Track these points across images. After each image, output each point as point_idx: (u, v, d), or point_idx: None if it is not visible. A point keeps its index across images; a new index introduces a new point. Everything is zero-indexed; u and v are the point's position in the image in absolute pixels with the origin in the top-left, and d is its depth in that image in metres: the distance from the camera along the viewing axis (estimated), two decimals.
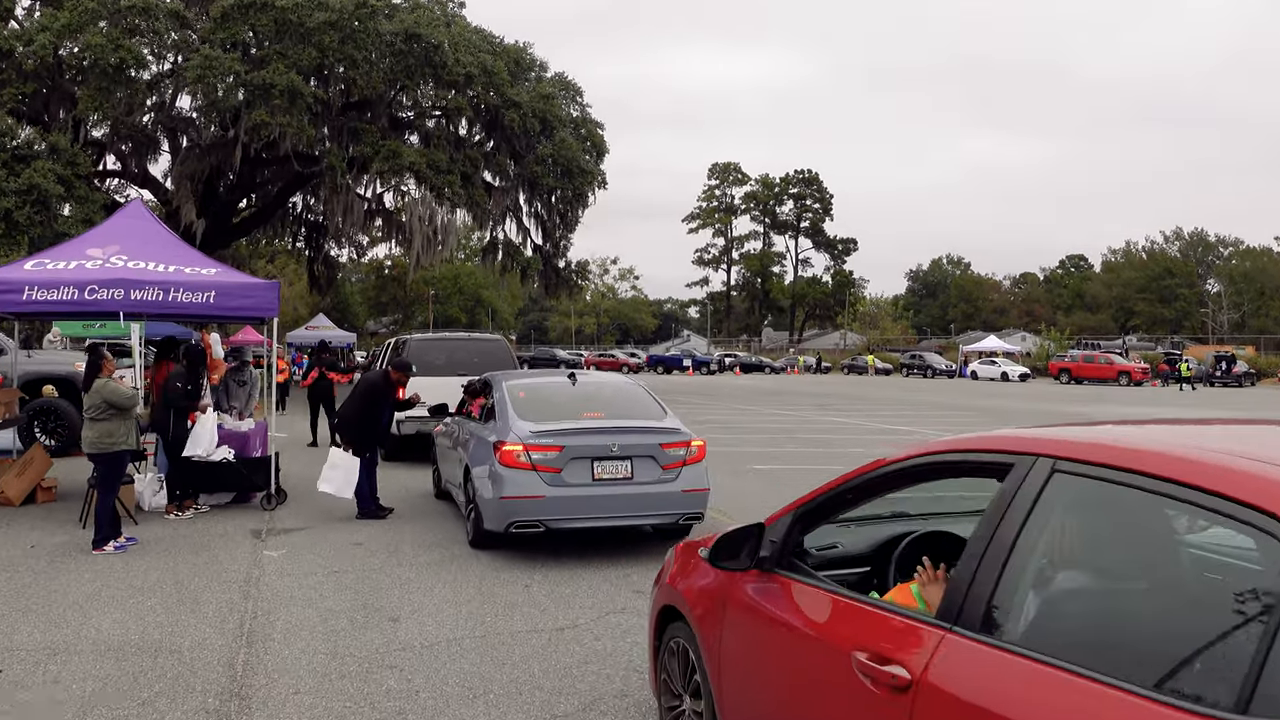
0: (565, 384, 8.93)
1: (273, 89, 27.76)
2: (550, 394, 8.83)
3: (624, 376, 9.81)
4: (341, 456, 9.65)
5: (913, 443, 3.16)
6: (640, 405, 8.72)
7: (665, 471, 7.99)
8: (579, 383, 8.92)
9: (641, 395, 8.95)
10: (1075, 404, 33.09)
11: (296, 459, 14.83)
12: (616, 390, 9.12)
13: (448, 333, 17.76)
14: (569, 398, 8.68)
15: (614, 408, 8.60)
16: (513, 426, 7.97)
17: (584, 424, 8.02)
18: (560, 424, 7.94)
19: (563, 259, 38.37)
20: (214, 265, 10.89)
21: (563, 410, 8.33)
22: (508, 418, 8.16)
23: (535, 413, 8.23)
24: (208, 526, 9.55)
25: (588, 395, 8.81)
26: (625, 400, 8.85)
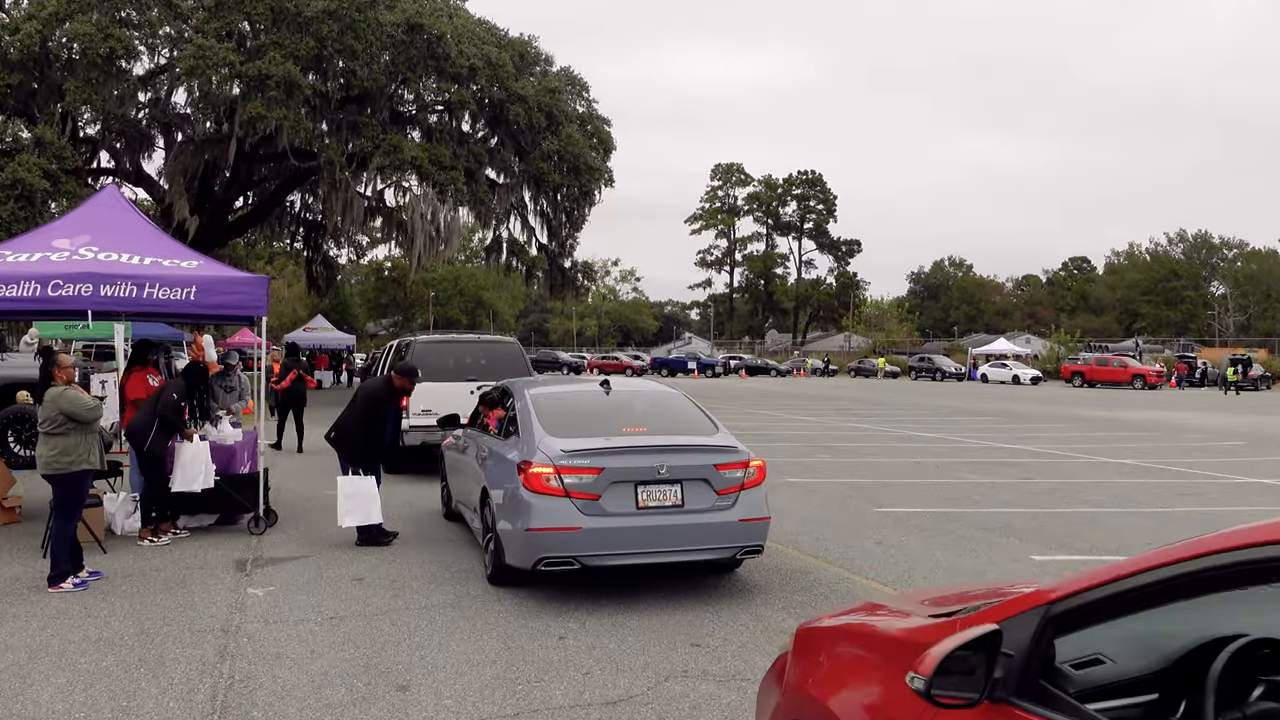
0: (598, 393, 7.72)
1: (269, 80, 26.57)
2: (582, 405, 7.62)
3: (662, 384, 8.52)
4: (353, 483, 8.45)
5: (1257, 526, 1.90)
6: (686, 418, 7.51)
7: (720, 497, 6.78)
8: (614, 391, 7.71)
9: (687, 406, 7.73)
10: (1104, 408, 31.87)
11: (291, 472, 13.62)
12: (658, 400, 7.90)
13: (456, 334, 16.52)
14: (603, 409, 7.47)
15: (657, 421, 7.38)
16: (540, 444, 6.76)
17: (625, 441, 6.81)
18: (597, 441, 6.73)
19: (569, 259, 37.20)
20: (196, 257, 9.68)
21: (597, 424, 7.12)
22: (533, 433, 6.94)
23: (565, 427, 7.02)
24: (185, 555, 8.33)
25: (625, 406, 7.60)
26: (669, 412, 7.63)
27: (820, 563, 8.34)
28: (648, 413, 7.55)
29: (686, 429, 7.27)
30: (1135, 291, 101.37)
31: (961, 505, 11.70)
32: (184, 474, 8.78)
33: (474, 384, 13.27)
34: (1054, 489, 13.19)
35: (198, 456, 8.84)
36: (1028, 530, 10.03)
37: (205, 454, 8.96)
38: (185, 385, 8.86)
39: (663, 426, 7.28)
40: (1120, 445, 19.38)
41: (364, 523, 8.49)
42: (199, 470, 8.81)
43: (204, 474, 8.87)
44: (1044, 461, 16.44)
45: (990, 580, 6.59)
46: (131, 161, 36.27)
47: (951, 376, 64.42)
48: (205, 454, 8.96)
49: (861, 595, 7.18)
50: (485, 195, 32.08)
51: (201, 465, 8.83)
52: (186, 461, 8.79)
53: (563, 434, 6.88)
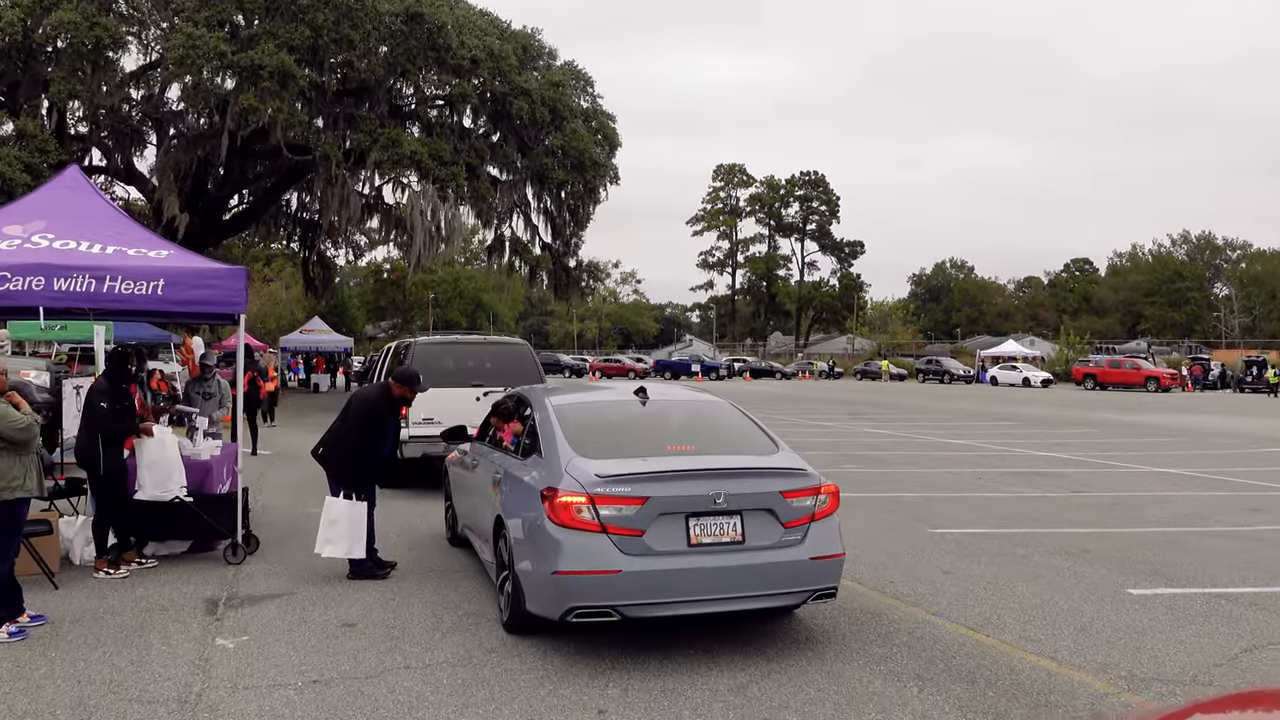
0: (633, 403, 6.53)
1: (262, 70, 25.39)
2: (615, 417, 6.44)
3: (706, 393, 7.29)
4: (341, 507, 7.26)
5: None
6: (740, 433, 6.33)
7: (788, 531, 5.60)
8: (652, 401, 6.52)
9: (739, 419, 6.55)
10: (1129, 412, 30.72)
11: (281, 487, 12.42)
12: (704, 412, 6.71)
13: (459, 335, 15.27)
14: (641, 423, 6.29)
15: (706, 437, 6.21)
16: (569, 467, 5.58)
17: (673, 463, 5.64)
18: (639, 463, 5.55)
19: (573, 258, 35.99)
20: (166, 246, 8.50)
21: (636, 442, 5.95)
22: (560, 453, 5.75)
23: (598, 445, 5.84)
24: (149, 592, 7.14)
25: (666, 419, 6.43)
26: (719, 426, 6.45)
27: (889, 600, 7.16)
28: (694, 427, 6.37)
29: (742, 447, 6.09)
30: (1138, 293, 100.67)
31: (1021, 524, 10.57)
32: (151, 476, 7.58)
33: (480, 389, 12.14)
34: (1113, 504, 12.10)
35: (165, 455, 7.63)
36: (1107, 556, 8.88)
37: (173, 451, 7.75)
38: (109, 385, 7.59)
39: (714, 444, 6.10)
40: (1157, 452, 18.39)
41: (346, 556, 7.30)
42: (169, 471, 7.61)
43: (176, 476, 7.66)
44: (1088, 471, 15.33)
45: None
46: (123, 159, 35.13)
47: (960, 379, 63.29)
48: (173, 451, 7.75)
49: (952, 644, 6.03)
50: (487, 192, 30.91)
51: (172, 466, 7.62)
52: (152, 460, 7.59)
53: (595, 454, 5.70)
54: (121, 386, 7.66)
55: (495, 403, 7.76)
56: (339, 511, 7.25)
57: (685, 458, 5.74)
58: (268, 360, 23.15)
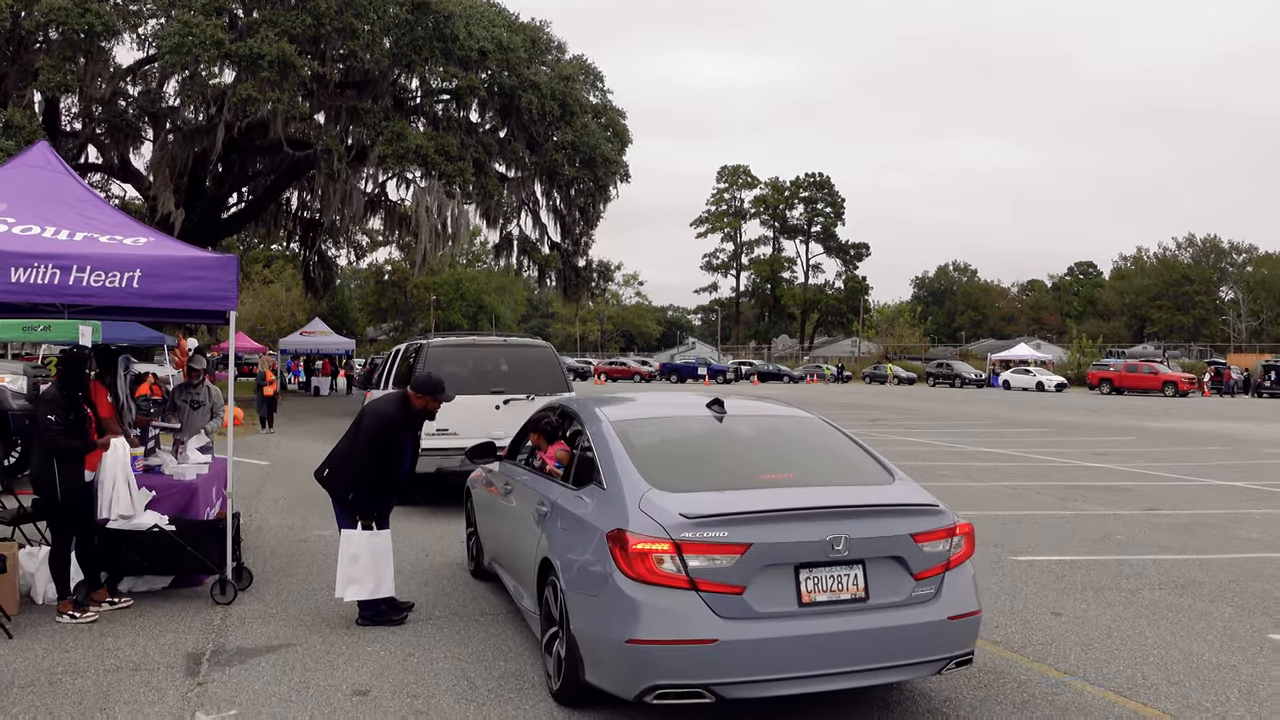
0: (707, 419, 5.34)
1: (261, 59, 24.22)
2: (688, 438, 5.25)
3: (787, 405, 6.07)
4: (361, 540, 6.09)
5: None
6: (844, 458, 5.15)
7: (919, 583, 4.42)
8: (729, 417, 5.34)
9: (840, 440, 5.36)
10: (1155, 418, 29.55)
11: (278, 503, 11.22)
12: (796, 431, 5.51)
13: (476, 336, 14.02)
14: (721, 445, 5.13)
15: (804, 463, 5.04)
16: (644, 503, 4.39)
17: (774, 498, 4.45)
18: (734, 498, 4.37)
19: (583, 257, 34.78)
20: (145, 233, 7.31)
21: (720, 469, 4.78)
22: (629, 483, 4.57)
23: (675, 474, 4.67)
24: (118, 644, 5.95)
25: (752, 440, 5.26)
26: (817, 449, 5.26)
27: (1006, 653, 5.98)
28: (786, 450, 5.19)
29: (850, 475, 4.91)
30: (1144, 297, 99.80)
31: (1108, 548, 9.44)
32: (100, 495, 6.40)
33: (500, 397, 10.99)
34: (1193, 523, 11.01)
35: (113, 467, 6.43)
36: (1222, 589, 7.77)
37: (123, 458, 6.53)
38: (60, 393, 6.38)
39: (815, 472, 4.92)
40: (1206, 462, 17.28)
41: (373, 596, 6.12)
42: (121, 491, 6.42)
43: (126, 494, 6.45)
44: (1148, 485, 14.19)
45: None
46: (119, 156, 33.96)
47: (971, 383, 62.13)
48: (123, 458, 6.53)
49: (1099, 714, 4.87)
50: (495, 189, 29.71)
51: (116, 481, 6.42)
52: (102, 480, 6.41)
53: (674, 485, 4.51)
54: (77, 394, 6.46)
55: (533, 416, 6.55)
56: (359, 545, 6.06)
57: (788, 490, 4.55)
58: (266, 363, 21.93)
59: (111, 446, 6.47)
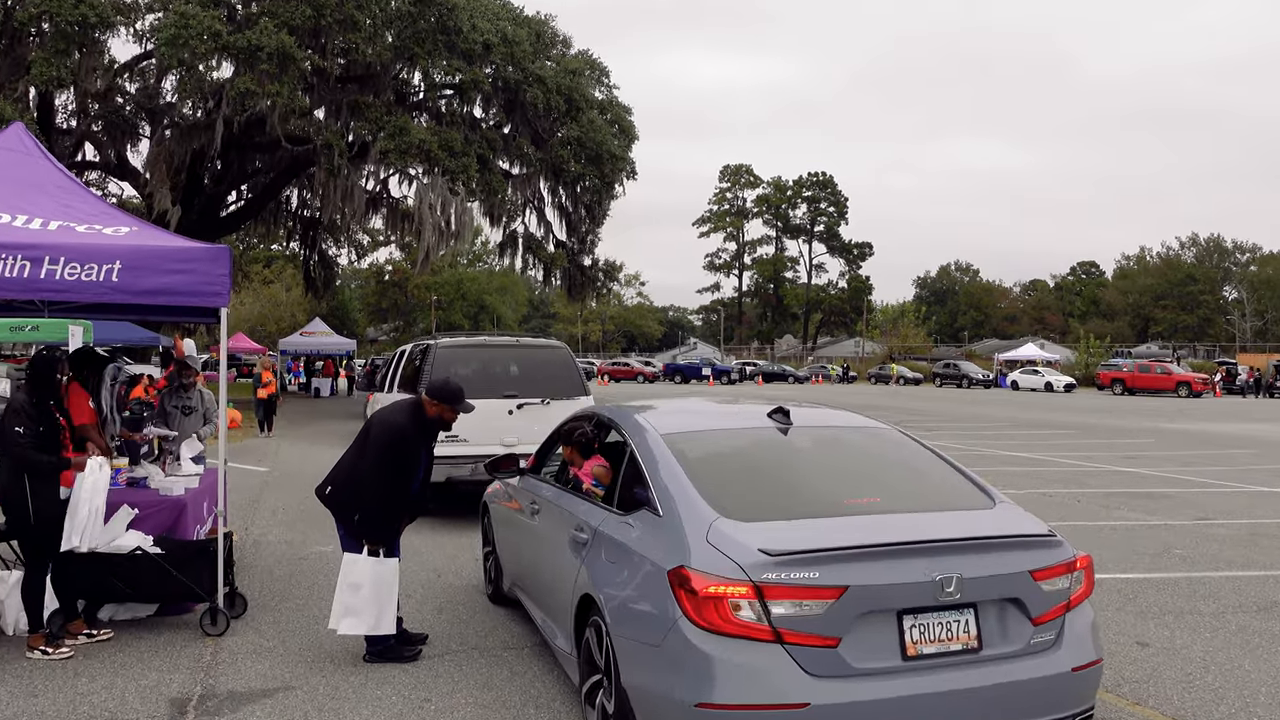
0: (769, 430, 4.62)
1: (259, 51, 23.49)
2: (753, 453, 4.52)
3: (855, 413, 5.30)
4: (364, 567, 5.36)
5: None
6: (935, 478, 4.43)
7: (1038, 629, 3.71)
8: (796, 429, 4.61)
9: (926, 457, 4.64)
10: (1173, 419, 28.83)
11: (278, 515, 10.50)
12: (873, 446, 4.78)
13: (487, 336, 13.27)
14: (793, 462, 4.41)
15: (891, 485, 4.32)
16: (713, 534, 3.68)
17: (868, 528, 3.72)
18: (820, 528, 3.65)
19: (589, 256, 34.02)
20: (127, 221, 6.60)
21: (797, 492, 4.07)
22: (692, 510, 3.85)
23: (745, 498, 3.96)
24: (93, 685, 5.23)
25: (825, 456, 4.54)
26: (903, 467, 4.54)
27: (1100, 694, 5.25)
28: (866, 468, 4.47)
29: (946, 499, 4.19)
30: (1147, 296, 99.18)
31: (1173, 564, 8.75)
32: (72, 522, 5.68)
33: (514, 401, 10.30)
34: (1252, 533, 10.36)
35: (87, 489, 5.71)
36: None
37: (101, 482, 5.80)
38: (29, 401, 5.64)
39: (906, 495, 4.20)
40: (1240, 466, 16.60)
41: (371, 631, 5.40)
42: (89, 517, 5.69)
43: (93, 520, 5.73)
44: (1189, 491, 13.51)
45: None
46: (116, 153, 33.26)
47: (978, 383, 61.40)
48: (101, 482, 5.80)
49: None
50: (500, 185, 28.97)
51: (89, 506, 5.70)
52: (74, 502, 5.69)
53: (744, 511, 3.80)
54: (47, 402, 5.74)
55: (563, 426, 5.82)
56: (362, 573, 5.34)
57: (881, 519, 3.83)
58: (264, 364, 21.23)
59: (88, 468, 5.74)
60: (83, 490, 5.76)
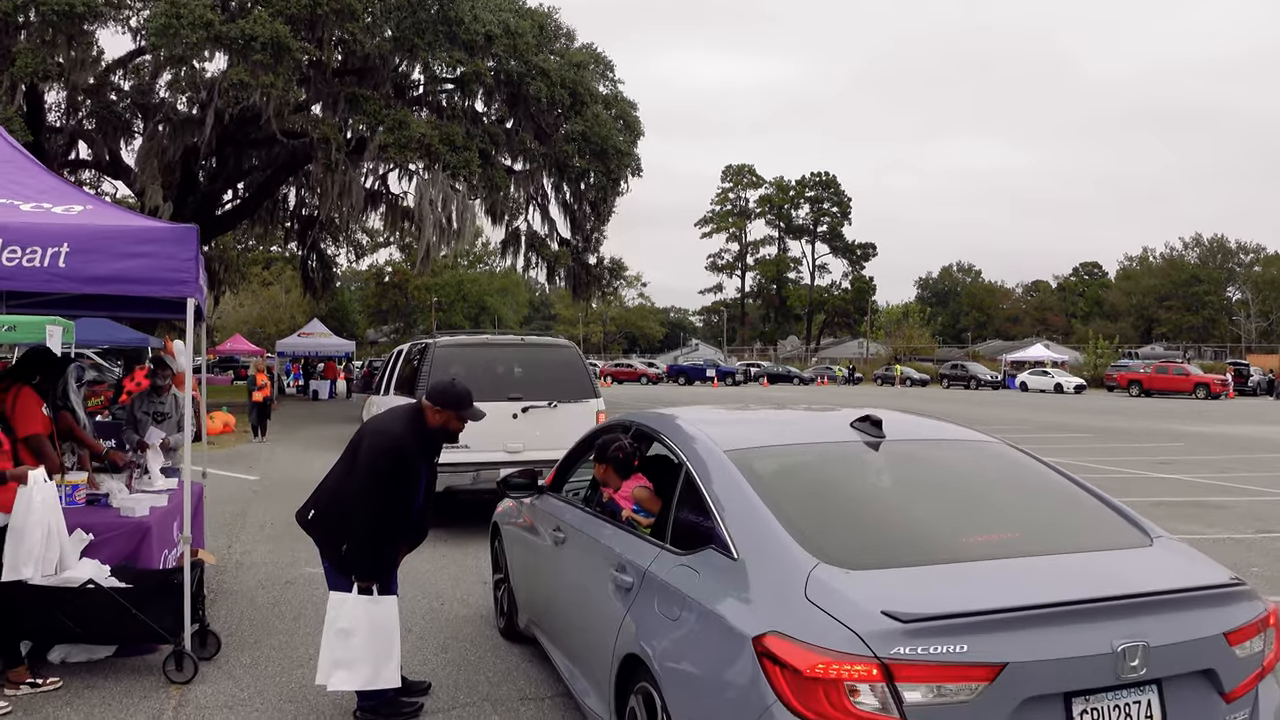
0: (855, 445, 3.71)
1: (253, 42, 22.61)
2: (840, 474, 3.62)
3: (958, 425, 4.37)
4: (356, 609, 4.44)
5: None
6: (1071, 505, 3.53)
7: (1231, 706, 2.84)
8: (890, 443, 3.71)
9: (1052, 478, 3.74)
10: (1194, 421, 27.93)
11: (265, 530, 9.60)
12: (986, 465, 3.84)
13: (489, 335, 12.41)
14: (891, 485, 3.51)
15: (1022, 515, 3.42)
16: (814, 587, 2.78)
17: (1010, 577, 2.82)
18: (949, 578, 2.74)
19: (594, 254, 33.10)
20: (82, 199, 5.71)
21: (905, 525, 3.19)
22: (773, 550, 2.96)
23: (840, 533, 3.07)
24: None
25: (934, 480, 3.64)
26: (1031, 493, 3.64)
27: None
28: (988, 494, 3.57)
29: (1093, 535, 3.29)
30: (1151, 297, 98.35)
31: (1262, 588, 7.83)
32: (14, 549, 4.80)
33: (518, 404, 9.49)
34: None
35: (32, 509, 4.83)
36: None
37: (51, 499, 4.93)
38: None
39: (1045, 530, 3.30)
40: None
41: (368, 686, 4.49)
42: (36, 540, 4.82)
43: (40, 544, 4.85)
44: (1241, 500, 12.70)
45: None
46: (110, 150, 32.39)
47: (986, 384, 60.50)
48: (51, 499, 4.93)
49: None
50: (503, 181, 28.07)
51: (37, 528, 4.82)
52: (15, 525, 4.81)
53: (849, 555, 2.89)
54: None
55: (593, 438, 4.89)
56: (353, 616, 4.43)
57: (1022, 565, 2.94)
58: (258, 365, 20.35)
59: (31, 481, 4.85)
60: (30, 512, 4.88)
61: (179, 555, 6.16)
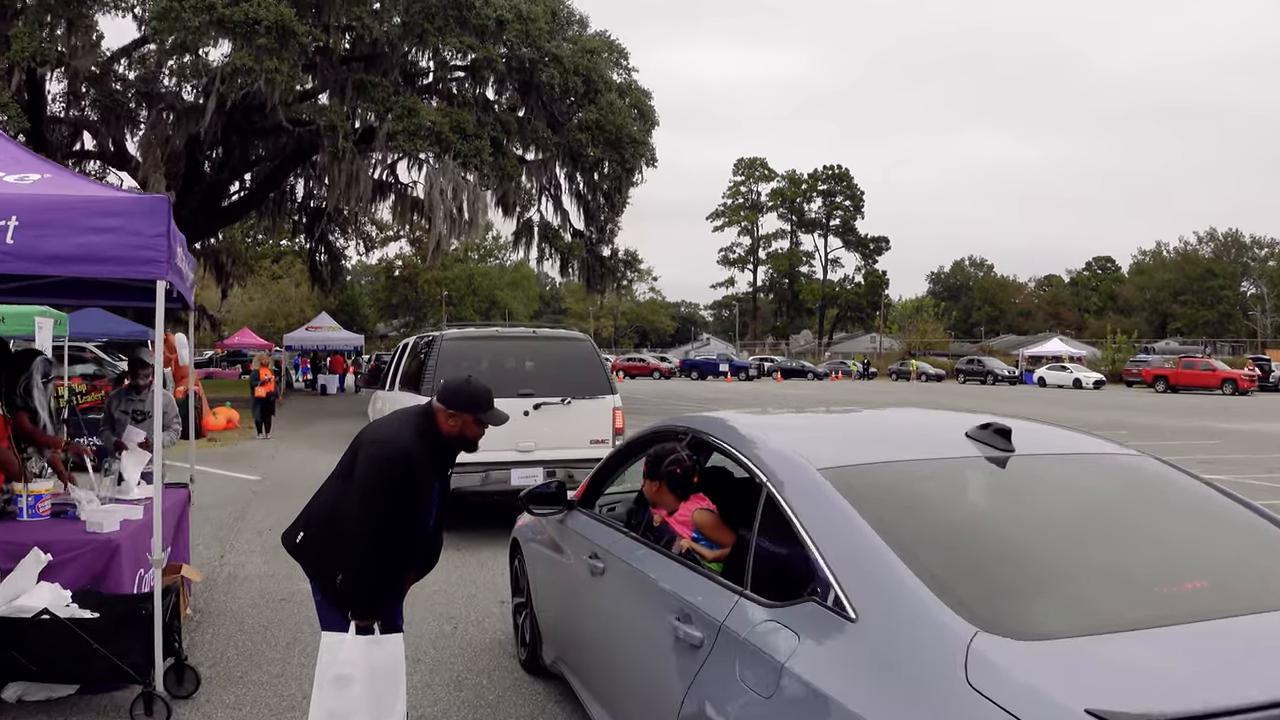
0: (979, 464, 2.93)
1: (257, 25, 21.86)
2: (967, 502, 2.85)
3: (1096, 437, 3.53)
4: (355, 653, 3.65)
5: None
6: (1257, 539, 2.72)
7: None
8: (1019, 458, 2.92)
9: (1223, 503, 2.94)
10: (1226, 418, 27.02)
11: (263, 538, 8.85)
12: (1144, 491, 3.04)
13: (499, 327, 11.69)
14: (1034, 517, 2.73)
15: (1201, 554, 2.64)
16: (974, 668, 2.01)
17: (1243, 649, 2.03)
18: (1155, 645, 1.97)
19: (608, 246, 32.30)
20: (40, 167, 4.95)
21: (1070, 573, 2.37)
22: (902, 609, 2.18)
23: (990, 587, 2.26)
24: None
25: (1087, 510, 2.85)
26: (1202, 522, 2.86)
27: None
28: (1152, 526, 2.78)
29: None
30: (1165, 292, 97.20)
31: None
32: None
33: (530, 400, 8.84)
34: None
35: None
36: None
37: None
38: None
39: (1242, 576, 2.51)
40: None
41: None
42: None
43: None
44: None
45: None
46: (114, 140, 31.75)
47: (1003, 379, 59.56)
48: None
49: None
50: (515, 170, 27.29)
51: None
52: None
53: (1012, 618, 2.11)
54: None
55: (643, 446, 4.08)
56: (351, 661, 3.66)
57: (1230, 628, 2.15)
58: (263, 360, 19.64)
59: None
60: None
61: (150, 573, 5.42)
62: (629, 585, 3.50)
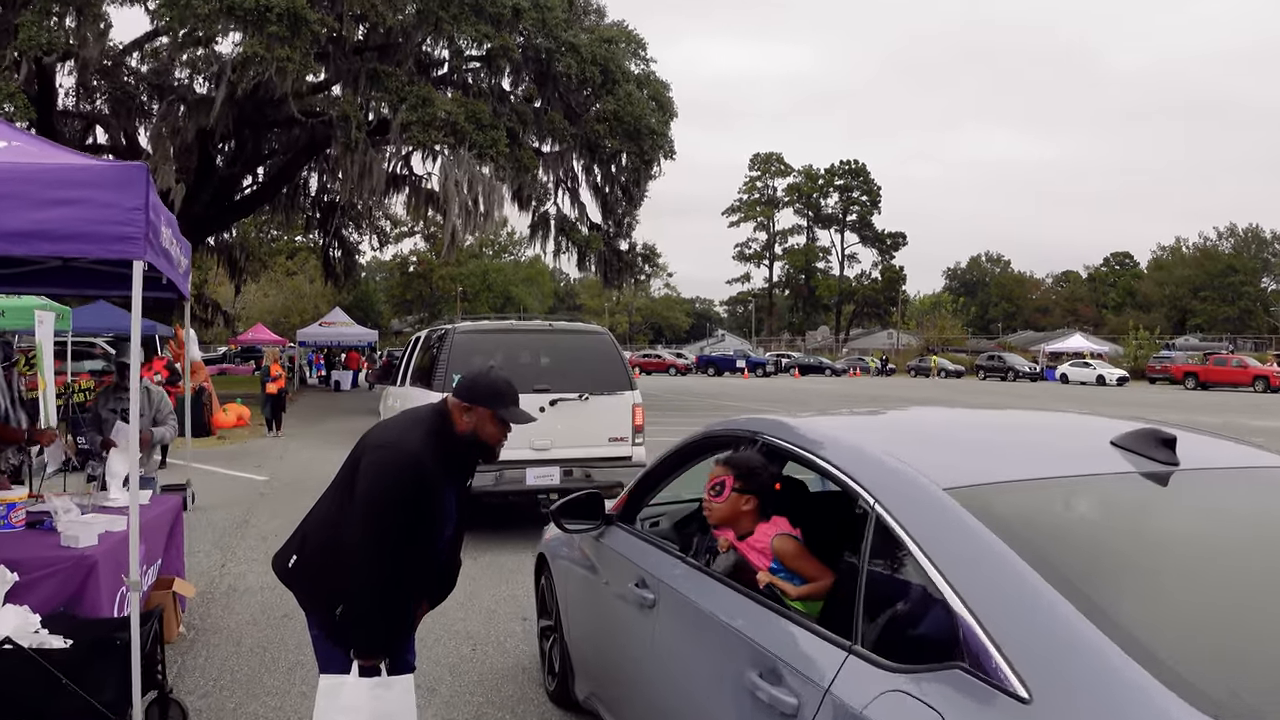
0: (1134, 480, 2.32)
1: (269, 13, 21.34)
2: (1129, 532, 2.25)
3: (1259, 449, 2.94)
4: (358, 697, 3.07)
5: None
6: None
7: None
8: (1184, 472, 2.31)
9: None
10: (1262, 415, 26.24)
11: (269, 544, 8.29)
12: None
13: (513, 321, 11.14)
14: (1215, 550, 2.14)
15: None
16: None
17: None
18: None
19: (625, 240, 31.70)
20: (7, 135, 4.38)
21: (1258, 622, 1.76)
22: (1106, 694, 1.58)
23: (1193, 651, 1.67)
24: None
25: (1262, 535, 2.21)
26: None
27: None
28: None
29: None
30: (1185, 288, 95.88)
31: None
32: None
33: (545, 397, 8.38)
34: None
35: None
36: None
37: None
38: None
39: None
40: None
41: None
42: None
43: None
44: None
45: None
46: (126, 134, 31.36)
47: (1025, 376, 58.70)
48: None
49: None
50: (531, 162, 26.71)
51: None
52: None
53: (1238, 702, 1.51)
54: None
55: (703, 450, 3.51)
56: (354, 706, 3.07)
57: None
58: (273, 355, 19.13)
59: None
60: None
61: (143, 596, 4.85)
62: (689, 623, 2.89)
